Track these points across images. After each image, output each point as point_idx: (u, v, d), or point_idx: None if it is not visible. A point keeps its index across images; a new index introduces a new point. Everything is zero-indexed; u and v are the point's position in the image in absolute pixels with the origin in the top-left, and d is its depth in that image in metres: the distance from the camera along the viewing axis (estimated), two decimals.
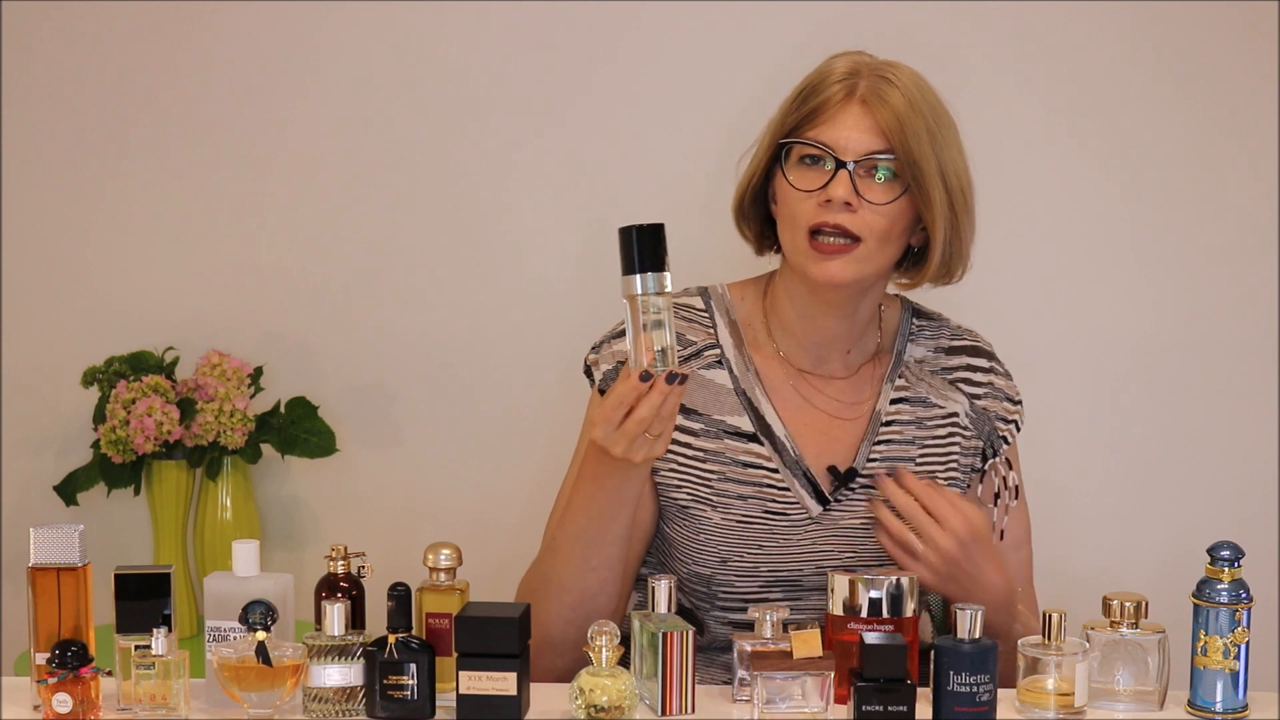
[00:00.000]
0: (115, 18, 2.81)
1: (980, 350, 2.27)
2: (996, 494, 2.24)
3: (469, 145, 2.84)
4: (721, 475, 2.15)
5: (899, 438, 2.19)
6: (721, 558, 2.15)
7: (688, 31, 2.81)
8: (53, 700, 1.86)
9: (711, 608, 2.17)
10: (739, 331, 2.20)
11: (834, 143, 2.07)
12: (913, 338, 2.25)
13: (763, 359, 2.20)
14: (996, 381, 2.25)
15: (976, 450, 2.23)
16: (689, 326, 2.20)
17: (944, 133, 2.10)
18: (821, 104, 2.09)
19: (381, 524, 2.85)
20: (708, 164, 2.82)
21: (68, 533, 1.92)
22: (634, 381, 1.90)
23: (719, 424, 2.17)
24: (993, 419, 2.24)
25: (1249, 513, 2.85)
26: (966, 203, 2.13)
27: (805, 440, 2.18)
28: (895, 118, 2.06)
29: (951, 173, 2.10)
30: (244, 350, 2.82)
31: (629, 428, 1.92)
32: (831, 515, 2.17)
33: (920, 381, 2.22)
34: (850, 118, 2.08)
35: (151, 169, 2.85)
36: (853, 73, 2.10)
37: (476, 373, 2.88)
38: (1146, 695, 1.96)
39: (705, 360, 2.19)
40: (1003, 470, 2.24)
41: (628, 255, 1.89)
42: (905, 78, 2.09)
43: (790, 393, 2.19)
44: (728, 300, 2.23)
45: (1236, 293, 2.85)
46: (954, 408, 2.22)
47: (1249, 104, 2.79)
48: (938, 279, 2.17)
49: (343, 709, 1.91)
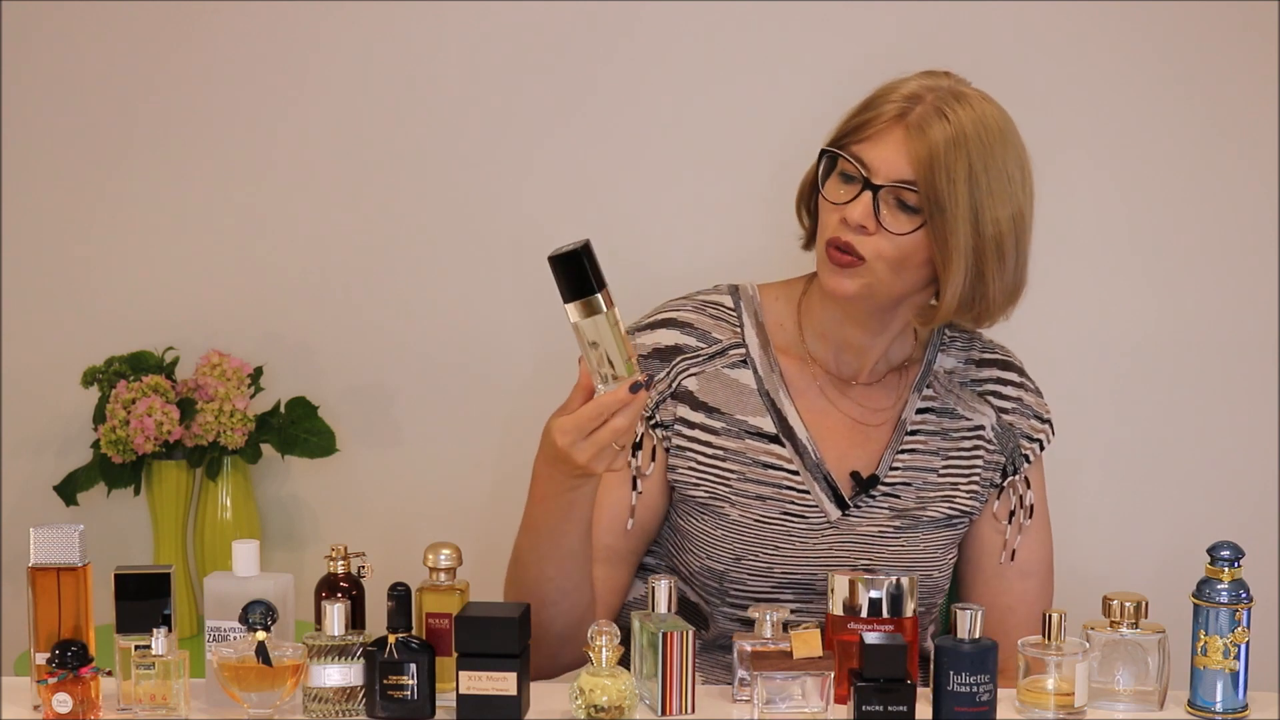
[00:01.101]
0: (115, 18, 2.81)
1: (1011, 365, 2.26)
2: (1011, 512, 2.22)
3: (469, 146, 2.84)
4: (741, 475, 2.15)
5: (923, 448, 2.18)
6: (736, 555, 2.15)
7: (692, 32, 2.80)
8: (53, 700, 1.86)
9: (721, 603, 2.17)
10: (765, 332, 2.19)
11: (869, 163, 2.04)
12: (943, 348, 2.23)
13: (789, 361, 2.19)
14: (1026, 398, 2.24)
15: (998, 466, 2.21)
16: (715, 324, 2.19)
17: (992, 178, 2.04)
18: (872, 119, 2.06)
19: (381, 524, 2.85)
20: (710, 165, 2.82)
21: (68, 533, 1.92)
22: (621, 393, 1.87)
23: (741, 424, 2.15)
24: (1018, 436, 2.22)
25: (1249, 513, 2.85)
26: (1002, 254, 2.07)
27: (828, 444, 2.17)
28: (929, 152, 2.02)
29: (989, 221, 2.04)
30: (244, 350, 2.82)
31: (602, 435, 1.89)
32: (850, 521, 2.16)
33: (949, 393, 2.21)
34: (893, 140, 2.04)
35: (151, 169, 2.85)
36: (915, 96, 2.05)
37: (476, 373, 2.88)
38: (1146, 695, 1.96)
39: (730, 359, 2.17)
40: (1020, 489, 2.22)
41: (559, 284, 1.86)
42: (965, 114, 2.04)
43: (816, 396, 2.18)
44: (757, 301, 2.21)
45: (1236, 293, 2.85)
46: (981, 420, 2.21)
47: (1249, 104, 2.79)
48: (961, 321, 2.13)
49: (343, 709, 1.91)
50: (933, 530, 2.17)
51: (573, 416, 1.90)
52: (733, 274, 2.30)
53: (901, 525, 2.16)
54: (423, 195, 2.85)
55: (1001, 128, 2.07)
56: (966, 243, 2.05)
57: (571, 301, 1.86)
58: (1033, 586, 2.23)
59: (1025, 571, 2.22)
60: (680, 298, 2.21)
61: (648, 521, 2.17)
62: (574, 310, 1.86)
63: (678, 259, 2.81)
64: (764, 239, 2.64)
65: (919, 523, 2.16)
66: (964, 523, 2.20)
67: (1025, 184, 2.10)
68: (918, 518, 2.16)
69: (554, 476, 1.97)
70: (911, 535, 2.16)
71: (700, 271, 2.45)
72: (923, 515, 2.17)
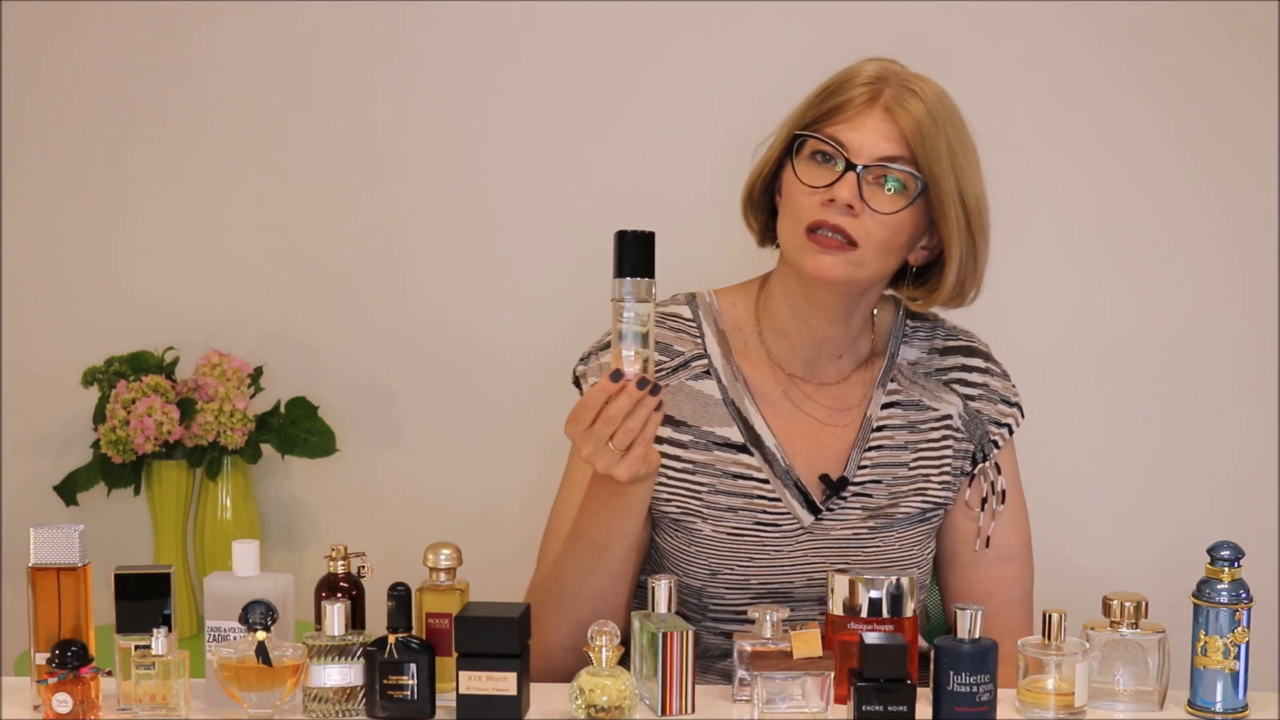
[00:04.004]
0: (116, 18, 2.81)
1: (975, 350, 2.24)
2: (984, 499, 2.22)
3: (469, 146, 2.84)
4: (711, 487, 2.14)
5: (890, 443, 2.17)
6: (712, 570, 2.14)
7: (688, 34, 2.81)
8: (53, 700, 1.86)
9: (703, 619, 2.16)
10: (727, 340, 2.18)
11: (850, 143, 2.05)
12: (906, 340, 2.22)
13: (752, 366, 2.18)
14: (992, 383, 2.22)
15: (968, 454, 2.20)
16: (676, 337, 2.18)
17: (965, 153, 2.07)
18: (844, 103, 2.07)
19: (381, 524, 2.85)
20: (706, 167, 2.82)
21: (68, 533, 1.92)
22: (604, 382, 1.87)
23: (708, 435, 2.15)
24: (985, 422, 2.21)
25: (1249, 513, 2.85)
26: (983, 226, 2.11)
27: (795, 449, 2.16)
28: (917, 127, 2.04)
29: (971, 194, 2.07)
30: (244, 350, 2.82)
31: (598, 428, 1.88)
32: (823, 525, 2.15)
33: (913, 384, 2.20)
34: (871, 121, 2.05)
35: (151, 169, 2.85)
36: (879, 78, 2.07)
37: (476, 373, 2.88)
38: (1146, 695, 1.96)
39: (693, 371, 2.17)
40: (991, 475, 2.21)
41: (619, 258, 1.88)
42: (931, 92, 2.06)
43: (780, 399, 2.17)
44: (716, 308, 2.20)
45: (1237, 293, 2.85)
46: (948, 409, 2.20)
47: (1249, 104, 2.80)
48: (950, 300, 2.14)
49: (343, 709, 1.91)
50: (907, 526, 2.17)
51: (573, 409, 1.90)
52: (733, 274, 2.29)
53: (876, 525, 2.15)
54: (423, 196, 2.85)
55: (954, 106, 2.10)
56: (959, 216, 2.07)
57: (630, 277, 1.87)
58: (1010, 571, 2.21)
59: (1002, 556, 2.21)
60: None
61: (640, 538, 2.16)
62: (628, 287, 1.87)
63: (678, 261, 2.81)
64: None
65: (893, 520, 2.15)
66: (938, 515, 2.19)
67: (976, 152, 2.12)
68: (891, 515, 2.15)
69: (601, 485, 1.98)
70: (886, 534, 2.15)
71: (700, 272, 2.45)
72: (896, 512, 2.16)
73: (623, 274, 1.87)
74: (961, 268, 2.10)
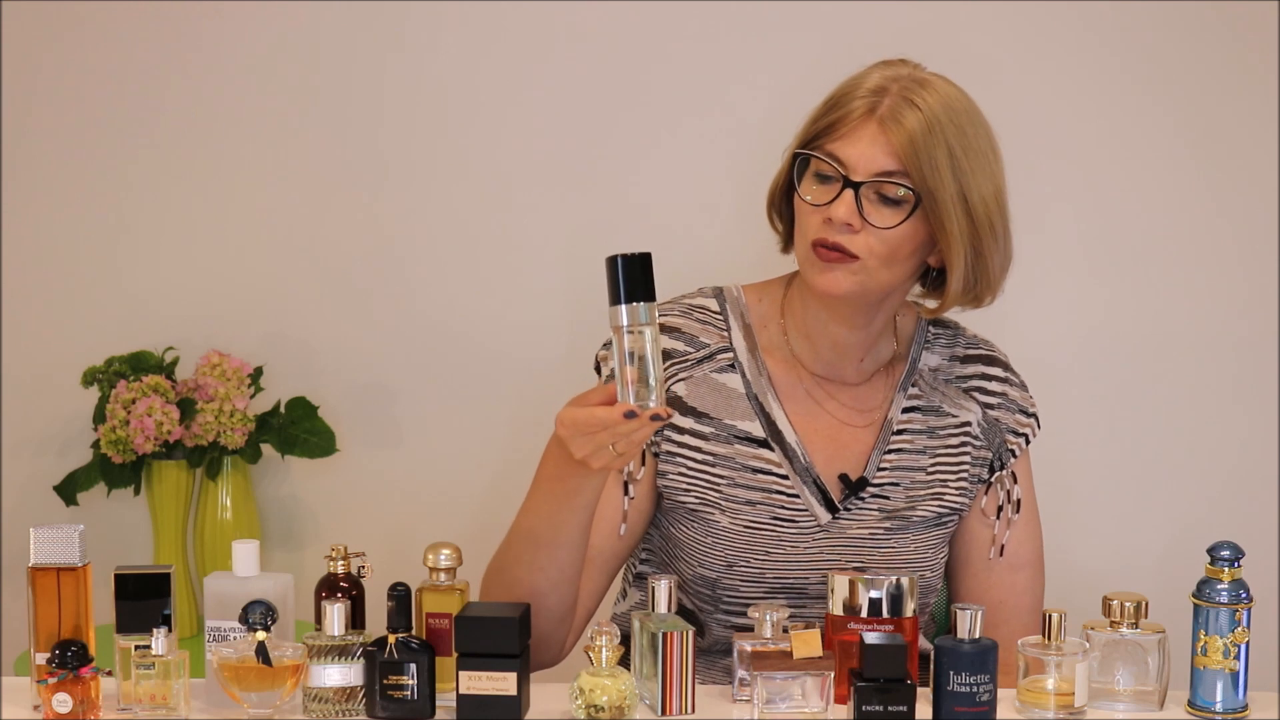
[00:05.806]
0: (116, 18, 2.81)
1: (995, 360, 2.25)
2: (1000, 508, 2.22)
3: (470, 146, 2.84)
4: (731, 480, 2.14)
5: (910, 447, 2.18)
6: (728, 562, 2.14)
7: (692, 33, 2.81)
8: (53, 700, 1.86)
9: (715, 610, 2.17)
10: (753, 335, 2.18)
11: (847, 160, 2.04)
12: (928, 345, 2.23)
13: (776, 363, 2.18)
14: (1011, 392, 2.23)
15: (985, 461, 2.20)
16: (703, 329, 2.18)
17: (971, 158, 2.05)
18: (842, 118, 2.06)
19: (381, 524, 2.85)
20: (710, 166, 2.82)
21: (68, 533, 1.92)
22: (617, 414, 1.83)
23: (730, 429, 2.15)
24: (1003, 431, 2.21)
25: (1249, 513, 2.85)
26: (994, 230, 2.08)
27: (816, 447, 2.16)
28: (909, 141, 2.02)
29: (977, 200, 2.05)
30: (244, 350, 2.82)
31: (601, 438, 1.86)
32: (840, 524, 2.15)
33: (934, 390, 2.20)
34: (866, 136, 2.04)
35: (151, 169, 2.85)
36: (880, 89, 2.05)
37: (477, 373, 2.88)
38: (1146, 695, 1.96)
39: (718, 363, 2.17)
40: (1008, 484, 2.21)
41: (614, 285, 1.82)
42: (933, 99, 2.04)
43: (803, 397, 2.18)
44: (742, 303, 2.21)
45: (1236, 293, 2.85)
46: (967, 417, 2.20)
47: (1249, 104, 2.80)
48: (964, 304, 2.13)
49: (343, 709, 1.91)
50: (923, 530, 2.17)
51: (583, 413, 1.87)
52: (737, 278, 2.29)
53: (892, 526, 2.16)
54: (424, 196, 2.85)
55: (967, 107, 2.08)
56: (961, 225, 2.05)
57: (626, 303, 1.81)
58: (1023, 580, 2.22)
59: (1015, 565, 2.22)
60: (666, 302, 2.20)
61: (636, 526, 2.17)
62: (626, 314, 1.81)
63: (682, 261, 2.81)
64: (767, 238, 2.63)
65: (909, 523, 2.16)
66: (954, 520, 2.20)
67: (998, 158, 2.10)
68: (908, 518, 2.16)
69: (560, 458, 1.95)
70: (902, 536, 2.16)
71: (702, 272, 2.45)
72: (912, 515, 2.16)
73: (619, 301, 1.82)
74: (968, 273, 2.09)
